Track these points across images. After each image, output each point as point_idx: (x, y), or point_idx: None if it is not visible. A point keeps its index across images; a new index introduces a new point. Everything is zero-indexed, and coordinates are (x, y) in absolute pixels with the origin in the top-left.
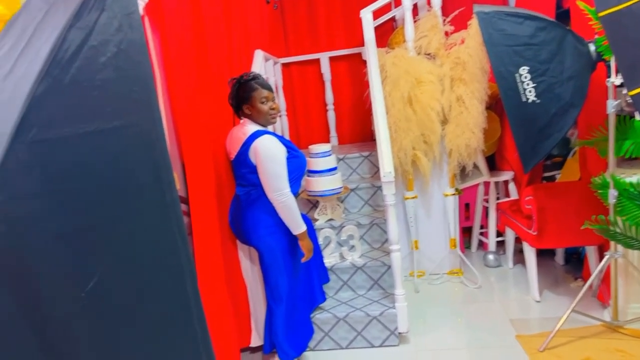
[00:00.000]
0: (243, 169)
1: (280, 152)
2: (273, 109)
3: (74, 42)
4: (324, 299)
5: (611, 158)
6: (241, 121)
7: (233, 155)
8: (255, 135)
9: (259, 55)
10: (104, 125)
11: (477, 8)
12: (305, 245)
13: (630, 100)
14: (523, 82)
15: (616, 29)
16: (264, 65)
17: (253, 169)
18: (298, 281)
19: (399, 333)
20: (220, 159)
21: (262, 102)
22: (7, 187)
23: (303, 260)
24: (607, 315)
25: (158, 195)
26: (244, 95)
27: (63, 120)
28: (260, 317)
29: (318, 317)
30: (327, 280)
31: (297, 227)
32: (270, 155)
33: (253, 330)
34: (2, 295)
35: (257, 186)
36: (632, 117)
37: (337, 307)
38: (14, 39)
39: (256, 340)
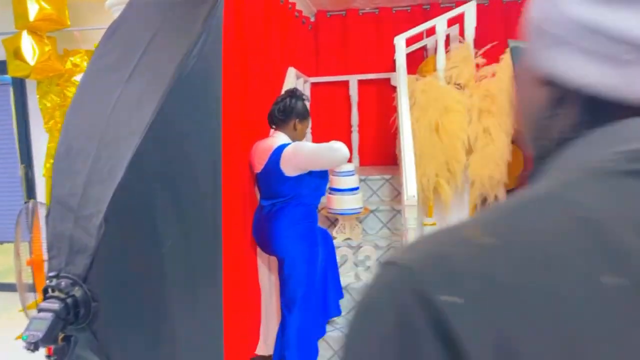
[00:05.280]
0: (272, 179)
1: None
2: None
3: (187, 66)
4: (340, 313)
5: None
6: (271, 132)
7: (260, 168)
8: (284, 146)
9: (291, 72)
10: (191, 127)
11: (512, 43)
12: None
13: None
14: None
15: None
16: (295, 83)
17: (283, 179)
18: (314, 293)
19: None
20: (246, 169)
21: (307, 126)
22: (138, 169)
23: None
24: None
25: (213, 186)
26: (303, 112)
27: (174, 121)
28: (270, 327)
29: (330, 334)
30: (341, 296)
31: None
32: (302, 145)
33: (261, 338)
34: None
35: (283, 197)
36: None
37: None
38: (122, 48)
39: (262, 349)
